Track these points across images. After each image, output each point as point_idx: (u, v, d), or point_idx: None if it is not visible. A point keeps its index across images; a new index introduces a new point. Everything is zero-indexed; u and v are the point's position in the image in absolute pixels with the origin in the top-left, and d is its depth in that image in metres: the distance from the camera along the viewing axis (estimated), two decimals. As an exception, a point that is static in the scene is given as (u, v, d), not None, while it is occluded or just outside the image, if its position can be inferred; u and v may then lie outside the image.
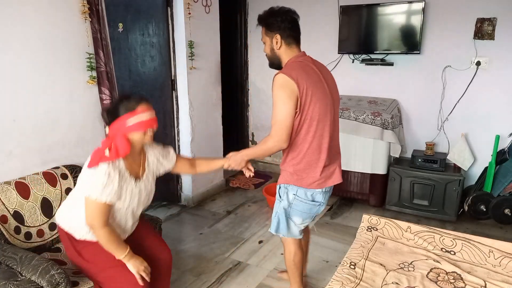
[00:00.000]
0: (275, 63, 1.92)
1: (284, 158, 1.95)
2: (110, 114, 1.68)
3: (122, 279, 1.70)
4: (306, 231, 2.31)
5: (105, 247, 1.68)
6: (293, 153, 1.88)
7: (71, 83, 2.40)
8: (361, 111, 3.42)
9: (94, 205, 1.62)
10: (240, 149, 2.10)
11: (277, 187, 2.02)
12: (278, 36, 1.84)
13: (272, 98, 1.79)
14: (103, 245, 1.68)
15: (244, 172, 2.05)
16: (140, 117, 1.65)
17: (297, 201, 1.94)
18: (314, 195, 1.92)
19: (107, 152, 1.62)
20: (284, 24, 1.84)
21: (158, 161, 1.91)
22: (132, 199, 1.74)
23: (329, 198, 2.09)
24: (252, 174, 2.06)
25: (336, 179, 1.94)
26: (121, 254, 1.69)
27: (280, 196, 2.00)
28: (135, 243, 1.86)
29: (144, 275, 1.70)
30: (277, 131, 1.77)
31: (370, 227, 2.15)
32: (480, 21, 3.25)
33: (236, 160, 1.99)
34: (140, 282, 1.68)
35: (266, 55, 1.94)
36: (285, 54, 1.87)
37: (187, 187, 3.69)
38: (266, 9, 1.88)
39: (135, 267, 1.70)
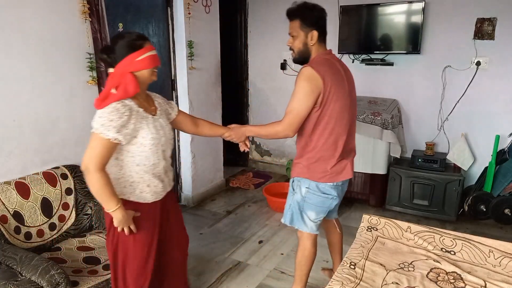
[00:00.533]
0: (303, 57, 1.91)
1: (299, 152, 1.99)
2: (114, 53, 1.58)
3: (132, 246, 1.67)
4: (334, 230, 2.34)
5: (97, 195, 1.55)
6: (308, 148, 1.93)
7: (71, 83, 2.40)
8: (361, 111, 3.42)
9: (98, 141, 1.51)
10: (241, 151, 2.13)
11: (291, 180, 2.06)
12: (315, 33, 1.84)
13: (294, 87, 1.81)
14: (95, 193, 1.55)
15: (240, 146, 2.09)
16: (148, 54, 1.62)
17: (309, 194, 1.97)
18: (326, 188, 1.95)
19: (114, 91, 1.55)
20: (321, 21, 1.87)
21: (164, 104, 1.85)
22: (157, 133, 1.65)
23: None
24: (247, 149, 2.10)
25: (347, 174, 1.96)
26: (113, 206, 1.55)
27: (293, 189, 2.04)
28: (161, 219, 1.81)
29: (132, 228, 1.63)
30: (291, 120, 1.81)
31: (370, 227, 2.15)
32: (480, 21, 3.25)
33: (238, 133, 2.03)
34: (127, 233, 1.62)
35: (291, 48, 1.92)
36: (316, 50, 1.89)
37: (187, 187, 3.69)
38: (297, 3, 1.86)
39: (125, 222, 1.59)
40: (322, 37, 1.89)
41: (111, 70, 1.61)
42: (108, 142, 1.51)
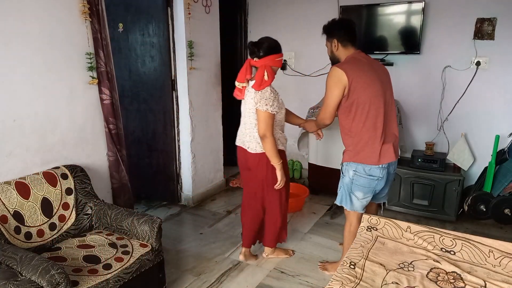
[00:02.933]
0: (334, 61, 2.33)
1: (345, 143, 2.32)
2: (263, 50, 2.31)
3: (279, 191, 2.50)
4: (374, 210, 2.59)
5: (270, 152, 2.33)
6: (350, 133, 2.24)
7: (71, 83, 2.41)
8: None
9: (267, 116, 2.26)
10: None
11: (341, 165, 2.38)
12: (335, 41, 2.27)
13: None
14: (268, 151, 2.33)
15: (315, 136, 2.72)
16: (281, 58, 2.38)
17: (357, 176, 2.25)
18: (372, 170, 2.21)
19: (266, 77, 2.27)
20: (340, 31, 2.26)
21: None
22: (282, 109, 2.43)
23: (329, 197, 2.11)
24: (320, 139, 2.71)
25: (391, 157, 2.22)
26: (278, 160, 2.36)
27: (343, 173, 2.36)
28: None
29: (283, 183, 2.43)
30: (323, 110, 2.28)
31: (370, 227, 2.15)
32: (480, 21, 3.25)
33: (311, 125, 2.63)
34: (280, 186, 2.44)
35: (329, 56, 2.38)
36: (343, 53, 2.28)
37: (187, 187, 3.70)
38: (329, 20, 2.35)
39: (282, 175, 2.40)
40: (346, 42, 2.26)
41: (256, 59, 2.34)
42: (272, 115, 2.29)
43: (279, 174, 2.38)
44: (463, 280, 1.70)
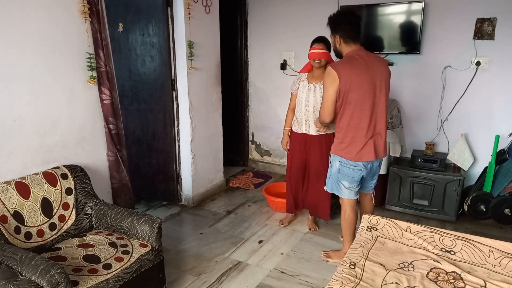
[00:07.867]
0: (338, 55, 2.43)
1: (335, 134, 2.44)
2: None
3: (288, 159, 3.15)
4: (369, 204, 2.68)
5: (286, 118, 3.06)
6: (338, 129, 2.39)
7: (71, 83, 2.41)
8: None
9: (291, 94, 2.99)
10: (240, 148, 2.44)
11: (329, 156, 2.53)
12: (338, 37, 2.32)
13: None
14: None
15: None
16: (311, 51, 2.75)
17: (342, 166, 2.40)
18: (354, 162, 2.34)
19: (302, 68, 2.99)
20: (344, 26, 2.28)
21: None
22: (303, 91, 2.88)
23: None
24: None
25: (370, 156, 2.31)
26: (285, 127, 3.08)
27: (331, 163, 2.52)
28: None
29: (284, 148, 3.14)
30: (321, 109, 2.39)
31: (370, 227, 2.15)
32: (480, 21, 3.25)
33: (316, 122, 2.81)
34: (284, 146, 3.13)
35: (333, 48, 2.47)
36: (344, 49, 2.33)
37: (187, 187, 3.70)
38: (335, 11, 2.41)
39: (283, 140, 3.11)
40: (349, 39, 2.29)
41: None
42: (291, 94, 2.99)
43: (283, 137, 3.11)
44: (463, 280, 1.70)
